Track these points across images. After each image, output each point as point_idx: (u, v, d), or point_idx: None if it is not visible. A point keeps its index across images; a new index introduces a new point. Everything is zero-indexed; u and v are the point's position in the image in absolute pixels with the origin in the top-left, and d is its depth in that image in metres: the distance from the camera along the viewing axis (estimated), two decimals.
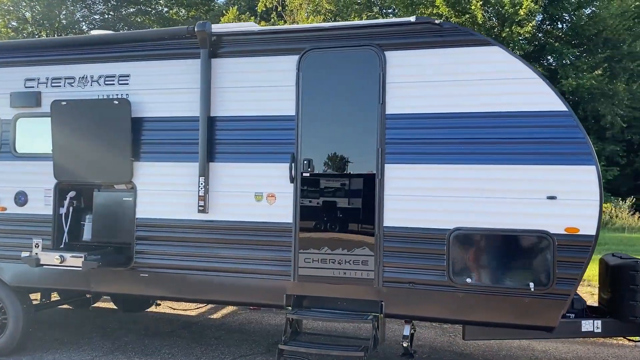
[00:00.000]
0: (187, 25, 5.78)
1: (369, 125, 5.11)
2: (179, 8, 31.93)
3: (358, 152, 5.18)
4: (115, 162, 5.69)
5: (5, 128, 6.15)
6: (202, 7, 31.73)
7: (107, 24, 28.81)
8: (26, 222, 6.02)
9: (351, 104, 5.20)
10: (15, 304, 6.09)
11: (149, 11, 30.65)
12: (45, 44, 6.26)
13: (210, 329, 7.67)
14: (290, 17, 31.50)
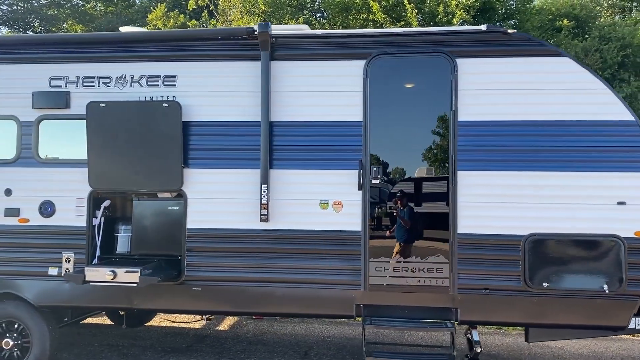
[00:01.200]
0: (110, 22, 5.46)
1: (441, 132, 5.11)
2: (96, 2, 30.03)
3: (429, 159, 5.16)
4: (165, 169, 5.31)
5: (26, 131, 5.56)
6: (121, 2, 30.01)
7: (16, 16, 26.59)
8: (54, 234, 5.48)
9: (421, 110, 5.18)
10: (40, 325, 5.52)
11: (63, 4, 28.59)
12: (76, 40, 5.71)
13: (228, 342, 7.37)
14: (223, 17, 30.87)
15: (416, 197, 5.16)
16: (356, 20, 27.49)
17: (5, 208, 5.51)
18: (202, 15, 31.20)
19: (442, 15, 24.10)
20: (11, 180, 5.53)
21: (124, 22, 21.79)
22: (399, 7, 23.93)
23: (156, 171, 5.32)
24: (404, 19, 25.10)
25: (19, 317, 5.51)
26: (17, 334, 5.54)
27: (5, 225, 5.51)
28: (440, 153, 5.12)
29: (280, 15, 30.51)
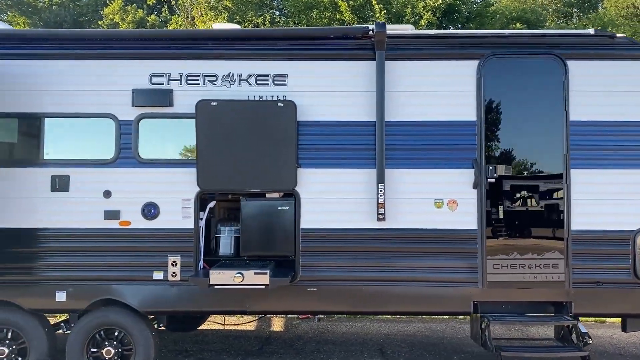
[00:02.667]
0: (58, 15, 5.36)
1: (555, 131, 5.26)
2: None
3: (543, 157, 5.32)
4: (278, 169, 5.23)
5: (125, 130, 5.33)
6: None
7: None
8: (158, 237, 5.29)
9: (534, 109, 5.31)
10: (144, 332, 5.33)
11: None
12: (180, 36, 5.51)
13: (295, 343, 7.36)
14: (184, 12, 30.23)
15: (531, 194, 5.29)
16: (321, 18, 27.59)
17: (104, 210, 5.27)
18: (161, 10, 30.39)
19: (410, 16, 24.51)
20: (110, 182, 5.30)
21: (73, 16, 20.85)
22: (367, 7, 24.09)
23: (269, 171, 5.23)
24: (372, 19, 25.44)
25: (121, 324, 5.30)
26: (117, 342, 5.32)
27: (105, 229, 5.27)
28: (553, 152, 5.26)
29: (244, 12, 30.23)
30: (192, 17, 28.02)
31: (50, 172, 5.28)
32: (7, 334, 5.30)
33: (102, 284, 5.27)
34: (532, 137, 5.33)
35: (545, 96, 5.30)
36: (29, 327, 5.27)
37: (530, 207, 5.29)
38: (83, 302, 5.26)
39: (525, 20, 21.24)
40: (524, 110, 5.33)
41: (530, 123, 5.33)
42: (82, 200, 5.27)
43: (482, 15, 28.04)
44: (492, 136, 5.28)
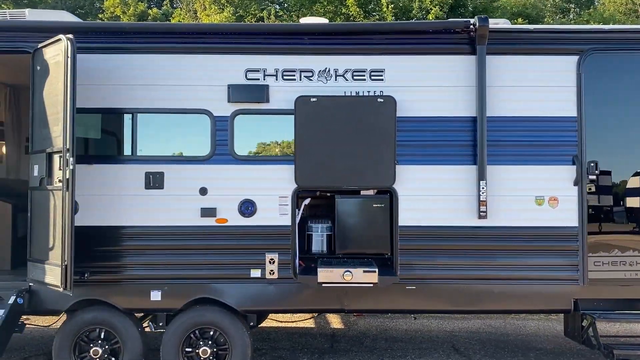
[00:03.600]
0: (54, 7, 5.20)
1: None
2: None
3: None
4: (377, 165, 5.15)
5: (221, 126, 5.24)
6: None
7: None
8: (256, 235, 5.20)
9: (636, 106, 5.25)
10: (241, 331, 5.25)
11: None
12: (276, 30, 5.40)
13: (365, 340, 7.32)
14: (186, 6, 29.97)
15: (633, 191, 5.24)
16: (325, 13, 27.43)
17: (201, 208, 5.18)
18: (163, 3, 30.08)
19: (417, 11, 24.36)
20: (206, 179, 5.21)
21: (69, 7, 20.56)
22: (373, 1, 23.93)
23: (368, 168, 5.15)
24: (378, 13, 25.29)
25: (218, 323, 5.21)
26: (212, 341, 5.24)
27: (202, 227, 5.18)
28: None
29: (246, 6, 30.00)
30: (194, 11, 27.73)
31: (144, 168, 5.19)
32: (99, 333, 5.21)
33: (198, 282, 5.19)
34: (634, 134, 5.26)
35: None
36: (123, 327, 5.18)
37: (631, 205, 5.23)
38: (179, 302, 5.18)
39: (526, 16, 21.36)
40: (626, 106, 5.27)
41: (631, 120, 5.27)
42: (177, 198, 5.18)
43: (487, 10, 28.04)
44: (593, 132, 5.21)
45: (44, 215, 4.85)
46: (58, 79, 4.75)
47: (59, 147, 4.70)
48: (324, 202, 5.58)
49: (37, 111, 5.03)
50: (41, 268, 4.84)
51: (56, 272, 4.64)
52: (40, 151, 4.96)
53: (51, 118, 4.84)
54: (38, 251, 4.92)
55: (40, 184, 4.94)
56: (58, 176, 4.69)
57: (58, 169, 4.69)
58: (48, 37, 5.02)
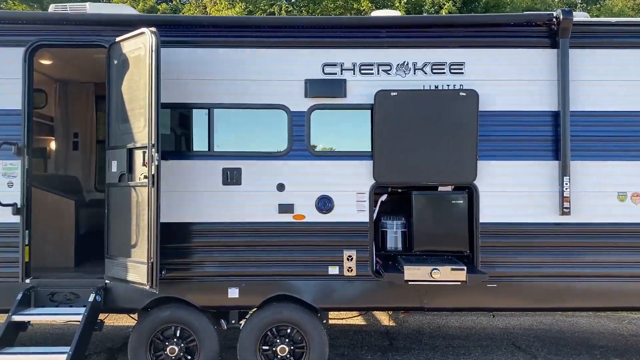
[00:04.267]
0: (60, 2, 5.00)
1: None
2: None
3: None
4: (458, 161, 5.07)
5: (298, 121, 5.16)
6: None
7: None
8: (333, 231, 5.13)
9: None
10: (318, 328, 5.18)
11: None
12: (352, 24, 5.30)
13: (419, 337, 7.26)
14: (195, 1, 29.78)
15: None
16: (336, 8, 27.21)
17: (278, 204, 5.11)
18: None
19: (429, 6, 24.14)
20: (283, 175, 5.13)
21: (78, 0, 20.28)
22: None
23: (448, 164, 5.06)
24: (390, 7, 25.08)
25: (296, 320, 5.14)
26: (288, 339, 5.17)
27: (279, 223, 5.11)
28: None
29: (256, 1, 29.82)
30: (204, 6, 27.55)
31: (221, 164, 5.12)
32: (175, 331, 5.15)
33: (275, 279, 5.12)
34: None
35: None
36: (200, 324, 5.11)
37: None
38: (256, 299, 5.12)
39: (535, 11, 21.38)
40: None
41: None
42: (255, 194, 5.10)
43: (499, 5, 27.89)
44: None
45: (124, 212, 4.78)
46: (139, 73, 4.68)
47: (142, 143, 4.63)
48: (394, 199, 5.48)
49: (114, 106, 4.95)
50: (122, 265, 4.77)
51: (140, 269, 4.57)
52: (119, 147, 4.88)
53: (131, 113, 4.77)
54: (118, 248, 4.85)
55: (119, 180, 4.86)
56: (142, 172, 4.62)
57: (142, 165, 4.61)
58: (122, 31, 4.96)
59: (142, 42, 4.63)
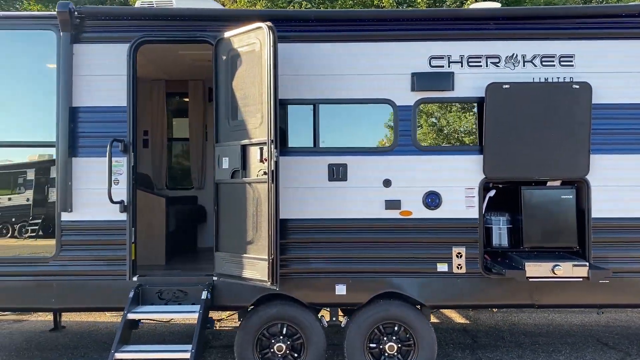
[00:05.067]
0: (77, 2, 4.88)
1: None
2: None
3: None
4: (570, 155, 4.96)
5: (403, 116, 5.08)
6: None
7: None
8: (441, 228, 5.05)
9: None
10: (427, 326, 5.12)
11: None
12: (460, 16, 5.20)
13: (500, 333, 7.18)
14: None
15: None
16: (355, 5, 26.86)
17: (385, 200, 5.04)
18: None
19: (452, 1, 23.71)
20: (389, 170, 5.06)
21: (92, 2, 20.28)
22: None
23: (561, 158, 4.96)
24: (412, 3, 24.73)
25: (403, 318, 5.08)
26: (395, 337, 5.11)
27: (386, 220, 5.04)
28: None
29: None
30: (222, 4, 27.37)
31: (326, 160, 5.06)
32: (281, 329, 5.10)
33: (383, 276, 5.06)
34: None
35: None
36: (307, 321, 5.06)
37: None
38: (364, 296, 5.06)
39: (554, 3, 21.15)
40: None
41: None
42: (361, 190, 5.04)
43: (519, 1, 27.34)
44: None
45: (238, 208, 4.74)
46: (254, 68, 4.62)
47: (258, 139, 4.58)
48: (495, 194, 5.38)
49: (223, 103, 4.91)
50: (236, 262, 4.73)
51: (258, 266, 4.53)
52: (231, 144, 4.83)
53: (245, 110, 4.72)
54: (230, 245, 4.82)
55: (232, 176, 4.81)
56: (259, 168, 4.57)
57: (258, 161, 4.56)
58: (227, 27, 4.91)
59: (257, 36, 4.57)
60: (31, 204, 5.16)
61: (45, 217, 5.13)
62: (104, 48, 5.07)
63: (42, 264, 5.02)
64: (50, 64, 5.13)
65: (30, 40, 5.11)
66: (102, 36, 5.09)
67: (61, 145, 4.97)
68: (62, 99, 4.97)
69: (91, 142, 5.05)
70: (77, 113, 5.05)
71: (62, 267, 5.02)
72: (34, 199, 5.19)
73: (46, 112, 5.08)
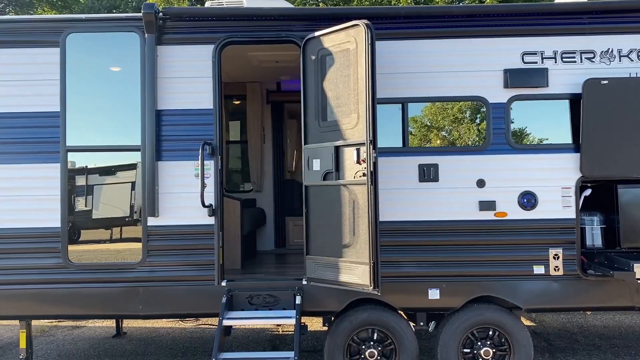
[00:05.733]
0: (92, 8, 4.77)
1: None
2: None
3: None
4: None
5: (497, 114, 4.94)
6: None
7: None
8: (537, 229, 4.89)
9: None
10: (523, 330, 4.96)
11: None
12: (553, 10, 5.02)
13: (578, 336, 7.01)
14: None
15: None
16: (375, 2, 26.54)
17: (479, 201, 4.89)
18: None
19: None
20: (483, 170, 4.92)
21: (106, 7, 20.30)
22: None
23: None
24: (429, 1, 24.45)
25: (499, 322, 4.92)
26: (490, 342, 4.95)
27: (480, 221, 4.90)
28: None
29: None
30: None
31: (416, 161, 4.92)
32: (372, 334, 4.97)
33: (477, 280, 4.91)
34: None
35: None
36: (399, 327, 4.93)
37: None
38: (458, 300, 4.92)
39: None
40: None
41: None
42: (453, 191, 4.90)
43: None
44: None
45: (331, 211, 4.61)
46: (348, 67, 4.50)
47: (354, 140, 4.46)
48: None
49: (313, 103, 4.79)
50: (332, 267, 4.61)
51: (357, 270, 4.41)
52: (322, 145, 4.70)
53: (338, 110, 4.60)
54: (324, 249, 4.69)
55: (324, 178, 4.69)
56: (356, 169, 4.44)
57: (355, 162, 4.44)
58: (313, 26, 4.81)
59: (352, 35, 4.44)
60: (117, 209, 5.08)
61: (129, 222, 5.04)
62: (187, 49, 4.98)
63: (128, 270, 4.93)
64: (114, 67, 5.04)
65: (112, 42, 5.02)
66: (185, 37, 5.00)
67: (148, 149, 4.88)
68: (148, 102, 4.89)
69: (176, 146, 4.97)
70: (161, 116, 4.96)
71: (149, 273, 4.93)
72: (121, 204, 5.11)
73: (129, 115, 4.99)
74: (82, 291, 4.94)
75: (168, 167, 4.94)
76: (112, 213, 5.07)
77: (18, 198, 4.95)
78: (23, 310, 5.02)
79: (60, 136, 4.96)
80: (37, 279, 4.95)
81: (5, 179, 4.96)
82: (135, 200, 5.00)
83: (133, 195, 5.01)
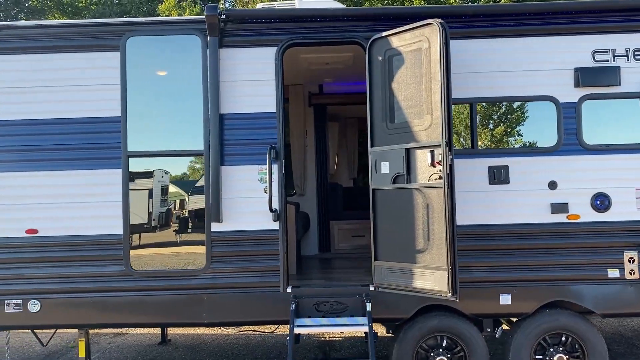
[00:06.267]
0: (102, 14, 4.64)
1: None
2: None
3: None
4: None
5: (568, 113, 4.81)
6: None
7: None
8: (611, 232, 4.76)
9: None
10: (598, 336, 4.82)
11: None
12: (626, 6, 4.88)
13: (635, 340, 6.78)
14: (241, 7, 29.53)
15: None
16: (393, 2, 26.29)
17: (551, 203, 4.76)
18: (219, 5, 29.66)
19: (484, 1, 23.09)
20: (554, 171, 4.79)
21: (117, 13, 20.32)
22: None
23: None
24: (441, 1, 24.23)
25: (573, 328, 4.78)
26: (563, 348, 4.81)
27: (552, 224, 4.77)
28: None
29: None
30: None
31: (486, 162, 4.80)
32: (441, 341, 4.85)
33: (550, 284, 4.77)
34: None
35: None
36: (469, 333, 4.80)
37: None
38: (531, 305, 4.79)
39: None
40: None
41: None
42: (524, 193, 4.77)
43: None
44: None
45: (402, 216, 4.50)
46: (420, 68, 4.39)
47: (427, 142, 4.35)
48: None
49: (380, 105, 4.68)
50: (404, 273, 4.49)
51: (435, 276, 4.29)
52: (392, 147, 4.59)
53: (409, 111, 4.49)
54: (395, 254, 4.57)
55: (393, 181, 4.58)
56: (430, 172, 4.33)
57: (429, 165, 4.32)
58: (378, 26, 4.72)
59: (425, 34, 4.34)
60: (181, 215, 5.00)
61: (194, 227, 4.96)
62: (249, 52, 4.90)
63: (192, 277, 4.85)
64: (174, 71, 4.95)
65: (173, 46, 4.95)
66: (247, 40, 4.91)
67: (212, 154, 4.80)
68: (212, 105, 4.80)
69: (240, 150, 4.88)
70: (224, 120, 4.87)
71: (212, 280, 4.84)
72: (184, 210, 5.03)
73: (190, 119, 4.91)
74: (144, 299, 4.86)
75: (232, 172, 4.85)
76: (174, 219, 4.99)
77: (79, 205, 4.88)
78: (83, 319, 4.94)
79: (122, 142, 4.88)
80: (98, 287, 4.87)
81: (67, 186, 4.89)
82: (197, 205, 4.91)
83: (194, 200, 4.92)
